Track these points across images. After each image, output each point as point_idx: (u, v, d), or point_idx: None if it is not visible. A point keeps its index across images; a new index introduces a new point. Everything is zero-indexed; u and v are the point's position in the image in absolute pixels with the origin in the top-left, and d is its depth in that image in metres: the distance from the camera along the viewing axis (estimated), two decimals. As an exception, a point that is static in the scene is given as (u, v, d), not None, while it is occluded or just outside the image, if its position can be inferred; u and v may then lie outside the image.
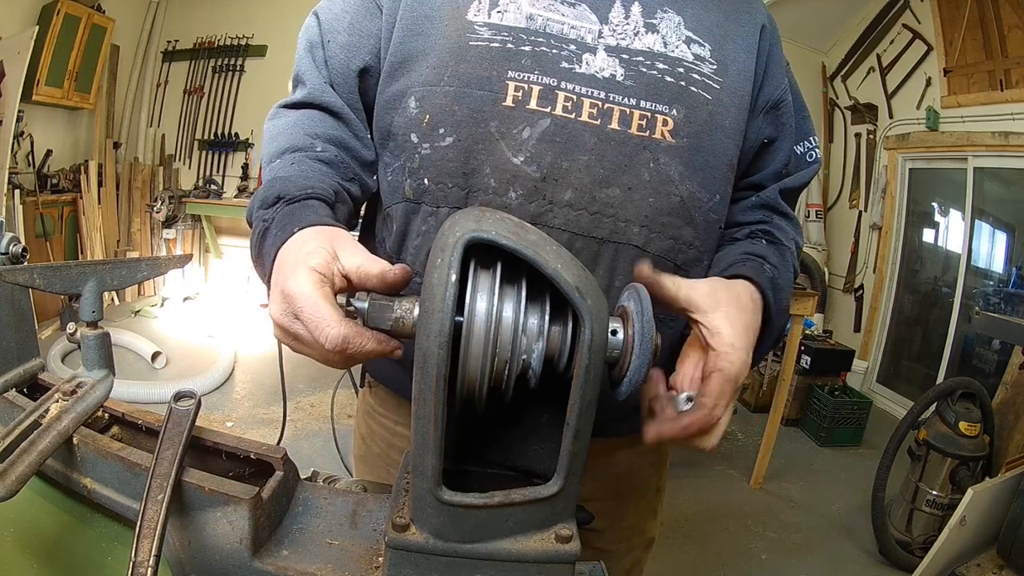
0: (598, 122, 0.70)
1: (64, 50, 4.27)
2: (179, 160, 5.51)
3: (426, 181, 0.72)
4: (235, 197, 5.18)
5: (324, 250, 0.53)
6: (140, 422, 0.65)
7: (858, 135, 4.73)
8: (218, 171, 5.43)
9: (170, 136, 5.48)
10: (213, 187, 5.27)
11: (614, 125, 0.70)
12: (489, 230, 0.44)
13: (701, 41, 0.73)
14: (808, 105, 0.88)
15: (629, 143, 0.70)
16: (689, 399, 0.59)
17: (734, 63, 0.75)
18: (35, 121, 4.34)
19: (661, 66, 0.71)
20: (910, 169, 4.36)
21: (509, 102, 0.69)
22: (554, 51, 0.70)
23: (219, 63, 5.30)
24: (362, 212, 0.87)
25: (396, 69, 0.74)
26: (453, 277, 0.42)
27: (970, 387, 2.44)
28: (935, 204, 4.31)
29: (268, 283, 0.58)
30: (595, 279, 0.48)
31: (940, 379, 3.81)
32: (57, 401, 0.58)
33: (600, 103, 0.70)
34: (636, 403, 0.76)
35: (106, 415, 0.66)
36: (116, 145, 5.11)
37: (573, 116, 0.69)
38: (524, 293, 0.46)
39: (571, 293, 0.44)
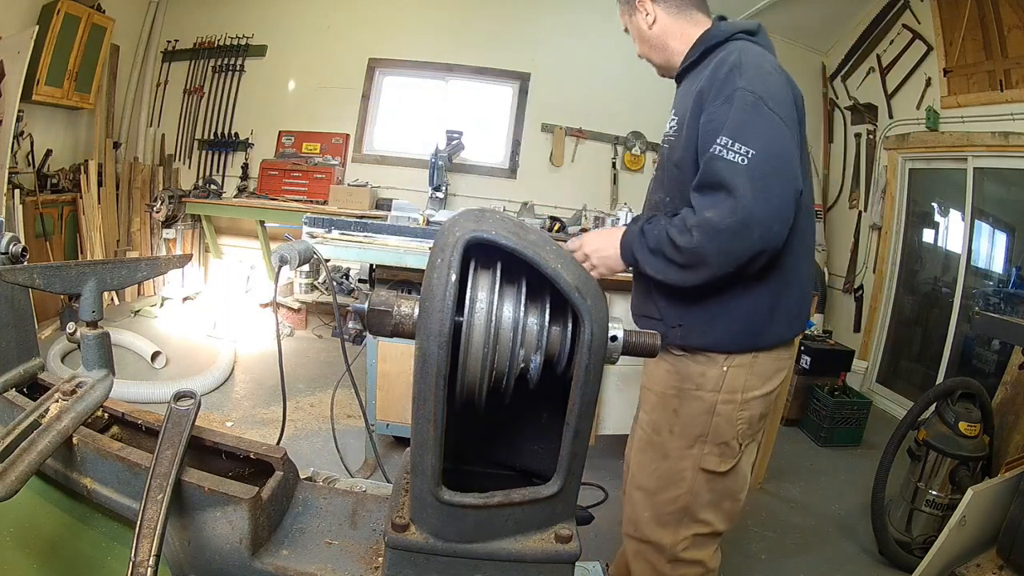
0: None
1: (64, 50, 4.26)
2: (179, 160, 5.50)
3: None
4: (235, 197, 5.18)
5: None
6: (140, 422, 0.65)
7: (858, 135, 4.73)
8: (218, 171, 5.43)
9: (170, 136, 5.47)
10: (213, 187, 5.26)
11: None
12: (489, 230, 0.44)
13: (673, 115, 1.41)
14: (808, 106, 0.91)
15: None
16: None
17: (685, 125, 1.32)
18: (35, 121, 4.33)
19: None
20: (910, 169, 4.36)
21: None
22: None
23: (219, 63, 5.30)
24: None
25: None
26: (453, 277, 0.42)
27: (970, 387, 2.43)
28: (935, 204, 4.31)
29: None
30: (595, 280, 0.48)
31: (940, 379, 3.80)
32: (57, 401, 0.58)
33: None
34: None
35: (106, 415, 0.66)
36: (116, 145, 5.11)
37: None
38: (524, 293, 0.46)
39: (571, 293, 0.44)
